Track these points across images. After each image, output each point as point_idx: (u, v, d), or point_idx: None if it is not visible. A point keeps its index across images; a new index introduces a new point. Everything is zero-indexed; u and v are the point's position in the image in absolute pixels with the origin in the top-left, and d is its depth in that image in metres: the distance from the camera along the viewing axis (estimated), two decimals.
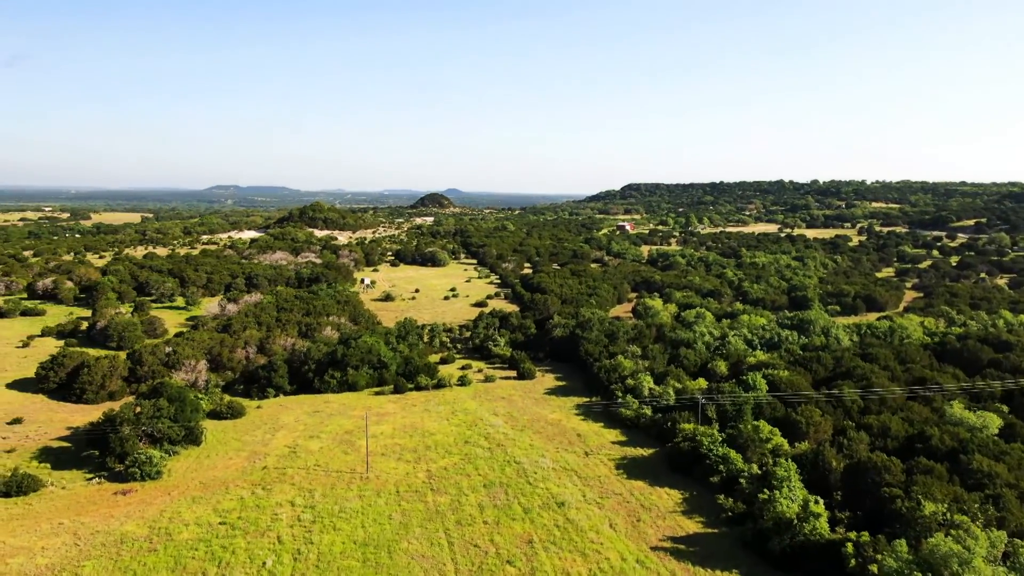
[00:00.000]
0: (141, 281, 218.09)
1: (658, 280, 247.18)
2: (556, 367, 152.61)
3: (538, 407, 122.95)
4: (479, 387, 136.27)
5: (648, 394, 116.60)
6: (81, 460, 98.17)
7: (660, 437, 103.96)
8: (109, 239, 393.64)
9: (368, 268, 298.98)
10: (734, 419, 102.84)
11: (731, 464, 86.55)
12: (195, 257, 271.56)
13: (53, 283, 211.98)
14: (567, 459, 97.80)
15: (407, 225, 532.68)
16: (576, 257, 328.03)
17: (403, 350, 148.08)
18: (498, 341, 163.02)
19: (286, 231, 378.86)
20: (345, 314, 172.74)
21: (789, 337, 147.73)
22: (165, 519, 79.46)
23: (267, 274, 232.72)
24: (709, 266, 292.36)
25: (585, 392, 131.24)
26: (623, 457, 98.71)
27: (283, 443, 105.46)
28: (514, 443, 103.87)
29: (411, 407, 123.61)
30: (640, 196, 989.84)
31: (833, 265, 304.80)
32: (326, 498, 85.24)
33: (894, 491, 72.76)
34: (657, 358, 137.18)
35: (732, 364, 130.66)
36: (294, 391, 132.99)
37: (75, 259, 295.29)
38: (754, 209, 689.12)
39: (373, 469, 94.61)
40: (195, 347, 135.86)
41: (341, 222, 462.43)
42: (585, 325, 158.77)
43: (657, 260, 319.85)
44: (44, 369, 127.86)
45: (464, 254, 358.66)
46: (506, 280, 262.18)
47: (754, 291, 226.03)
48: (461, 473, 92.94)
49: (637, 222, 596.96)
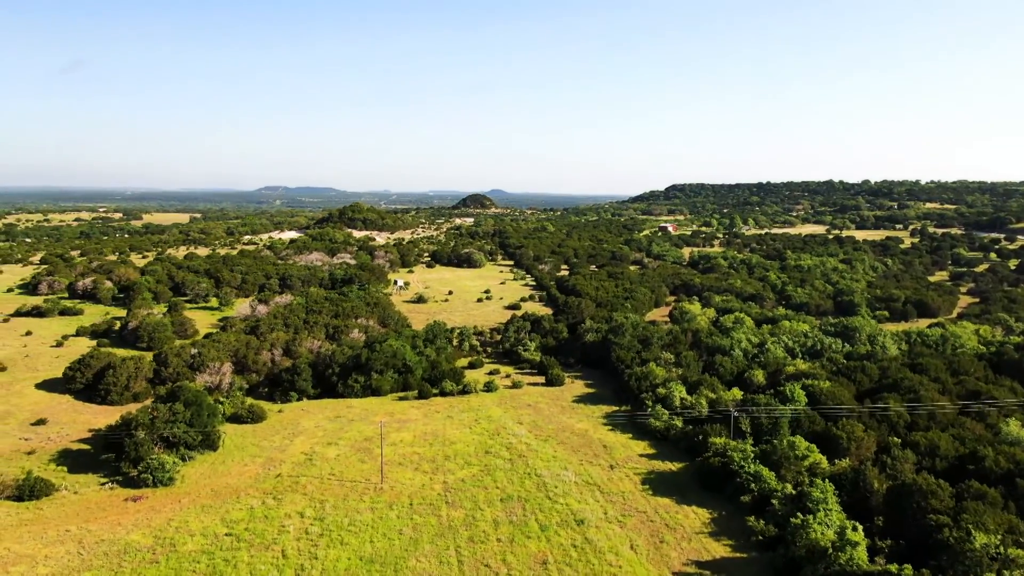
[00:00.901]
0: (177, 281, 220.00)
1: (697, 283, 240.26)
2: (587, 373, 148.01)
3: (565, 415, 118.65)
4: (505, 393, 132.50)
5: (679, 404, 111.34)
6: (98, 464, 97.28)
7: (691, 451, 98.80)
8: (154, 239, 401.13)
9: (403, 269, 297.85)
10: (769, 433, 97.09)
11: (763, 483, 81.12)
12: (232, 257, 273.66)
13: (93, 283, 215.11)
14: (591, 472, 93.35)
15: (446, 226, 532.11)
16: (615, 259, 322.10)
17: (430, 354, 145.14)
18: (528, 346, 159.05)
19: (324, 232, 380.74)
20: (374, 316, 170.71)
21: (832, 345, 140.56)
22: (172, 528, 77.50)
23: (301, 275, 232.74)
24: (752, 269, 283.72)
25: (615, 400, 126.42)
26: (650, 471, 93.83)
27: (300, 449, 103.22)
28: (536, 454, 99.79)
29: (434, 413, 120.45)
30: (684, 197, 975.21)
31: (883, 268, 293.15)
32: (337, 510, 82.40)
33: (941, 519, 66.70)
34: (691, 366, 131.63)
35: (770, 373, 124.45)
36: (318, 395, 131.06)
37: (118, 259, 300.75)
38: (802, 210, 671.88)
39: (389, 479, 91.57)
40: (220, 349, 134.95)
41: (380, 223, 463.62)
42: (617, 330, 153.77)
43: (698, 262, 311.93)
44: (71, 370, 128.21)
45: (501, 255, 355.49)
46: (541, 282, 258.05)
47: (798, 295, 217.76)
48: (479, 486, 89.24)
49: (680, 223, 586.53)
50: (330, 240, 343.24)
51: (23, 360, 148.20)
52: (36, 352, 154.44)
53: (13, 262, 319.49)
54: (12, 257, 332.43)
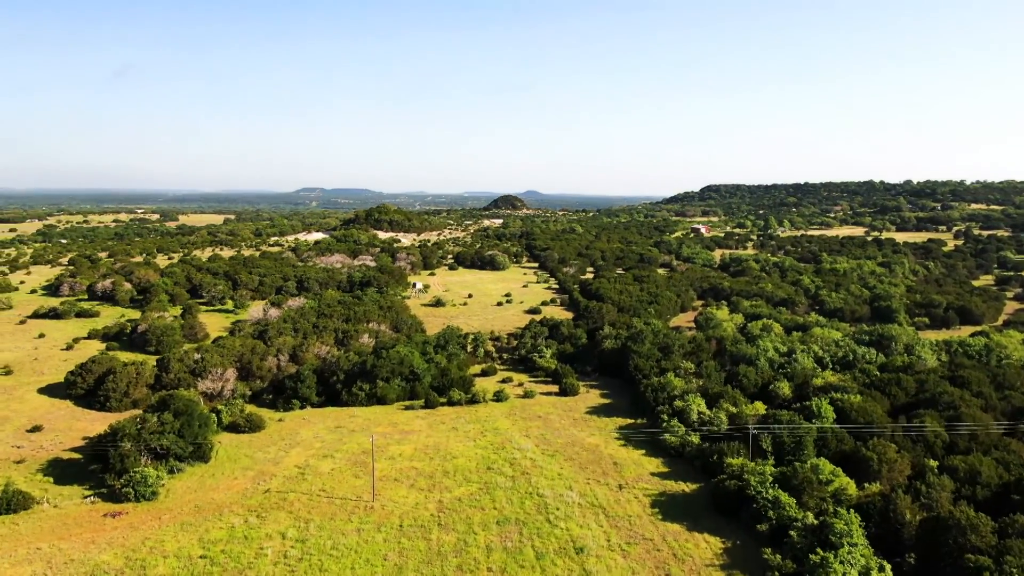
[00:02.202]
0: (195, 283, 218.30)
1: (727, 287, 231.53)
2: (604, 382, 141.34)
3: (575, 428, 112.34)
4: (516, 403, 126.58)
5: (696, 419, 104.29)
6: (86, 475, 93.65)
7: (706, 470, 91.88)
8: (182, 240, 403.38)
9: (425, 272, 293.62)
10: (793, 453, 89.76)
11: (782, 510, 73.99)
12: (251, 259, 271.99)
13: (112, 285, 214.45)
14: (597, 493, 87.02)
15: (474, 227, 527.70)
16: (643, 262, 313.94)
17: (440, 361, 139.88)
18: (544, 353, 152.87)
19: (349, 233, 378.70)
20: (387, 321, 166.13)
21: (866, 355, 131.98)
22: (145, 549, 73.17)
23: (319, 277, 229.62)
24: (784, 272, 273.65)
25: (631, 412, 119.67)
26: (661, 493, 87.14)
27: (294, 462, 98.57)
28: (541, 471, 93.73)
29: (439, 424, 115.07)
30: (720, 198, 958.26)
31: (924, 272, 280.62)
32: (321, 531, 77.35)
33: (982, 559, 59.23)
34: (712, 376, 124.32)
35: (797, 385, 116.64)
36: (322, 403, 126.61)
37: (143, 260, 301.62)
38: (840, 211, 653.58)
39: (381, 497, 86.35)
40: (224, 354, 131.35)
41: (406, 224, 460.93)
42: (637, 337, 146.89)
43: (729, 265, 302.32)
44: (73, 375, 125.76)
45: (527, 258, 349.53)
46: (564, 286, 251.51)
47: (832, 300, 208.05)
48: (475, 506, 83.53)
49: (713, 224, 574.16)
50: (354, 242, 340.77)
51: (31, 363, 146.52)
52: (45, 355, 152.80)
53: (43, 263, 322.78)
54: (43, 258, 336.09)
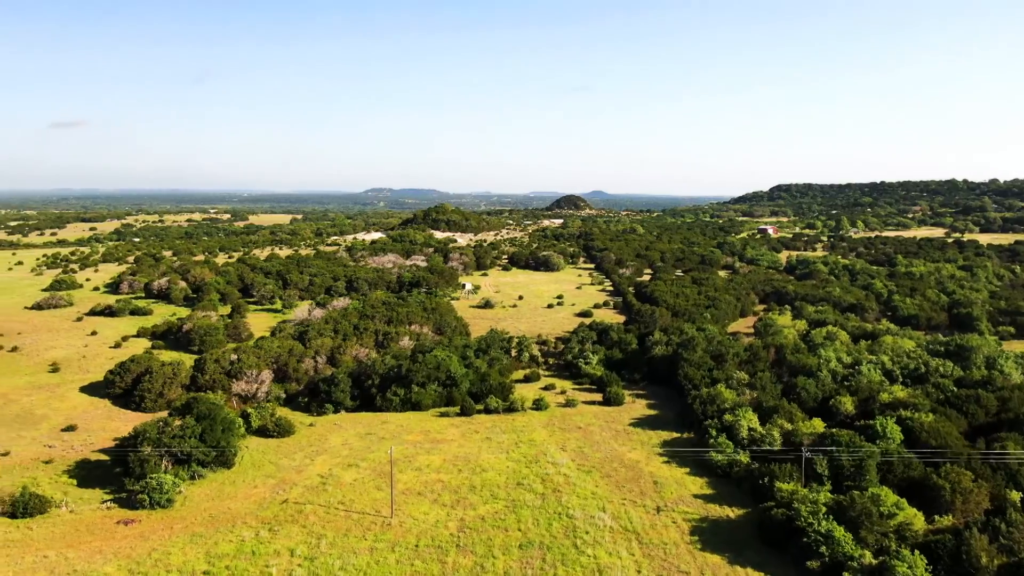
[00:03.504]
0: (247, 283, 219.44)
1: (791, 291, 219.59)
2: (653, 392, 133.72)
3: (616, 442, 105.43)
4: (556, 412, 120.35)
5: (747, 435, 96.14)
6: (110, 478, 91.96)
7: (754, 494, 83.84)
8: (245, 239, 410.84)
9: (478, 272, 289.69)
10: (852, 478, 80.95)
11: (836, 546, 65.78)
12: (304, 259, 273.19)
13: (167, 283, 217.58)
14: (632, 516, 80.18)
15: (533, 227, 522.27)
16: (704, 263, 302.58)
17: (480, 365, 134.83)
18: (590, 359, 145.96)
19: (405, 233, 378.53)
20: (430, 323, 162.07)
21: (940, 368, 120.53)
22: (150, 562, 70.17)
23: (369, 277, 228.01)
24: (855, 275, 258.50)
25: (677, 426, 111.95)
26: (703, 518, 79.67)
27: (318, 471, 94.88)
28: (573, 489, 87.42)
29: (472, 434, 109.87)
30: (790, 198, 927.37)
31: (1010, 276, 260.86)
32: (333, 548, 73.01)
33: None
34: (767, 388, 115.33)
35: (861, 401, 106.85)
36: (356, 407, 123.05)
37: (204, 258, 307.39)
38: (919, 211, 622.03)
39: (401, 512, 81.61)
40: (261, 356, 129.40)
41: (463, 224, 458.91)
42: (688, 344, 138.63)
43: (795, 267, 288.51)
44: (112, 374, 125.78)
45: (583, 258, 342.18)
46: (619, 288, 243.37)
47: (905, 306, 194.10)
48: (499, 526, 77.87)
49: (782, 225, 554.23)
50: (410, 242, 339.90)
51: (79, 361, 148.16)
52: (94, 353, 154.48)
53: (112, 261, 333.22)
54: (112, 256, 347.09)
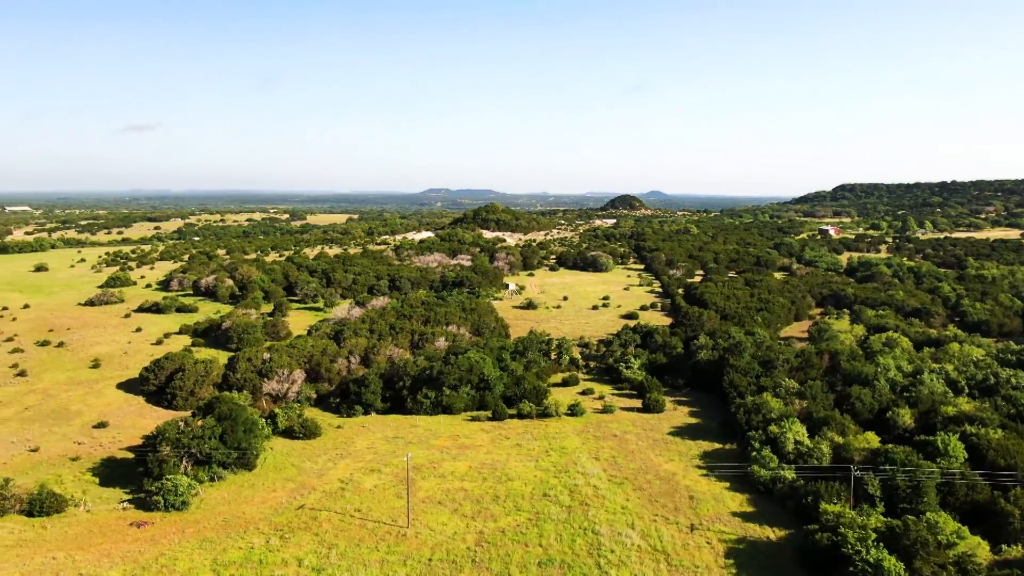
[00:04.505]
0: (292, 281, 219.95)
1: (850, 294, 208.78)
2: (696, 399, 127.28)
3: (653, 452, 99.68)
4: (592, 419, 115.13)
5: (793, 449, 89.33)
6: (132, 477, 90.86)
7: (799, 513, 77.33)
8: (297, 238, 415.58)
9: (524, 272, 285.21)
10: (908, 500, 73.72)
11: None
12: (350, 258, 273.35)
13: (214, 281, 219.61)
14: (663, 534, 74.61)
15: (584, 227, 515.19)
16: (759, 264, 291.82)
17: (516, 368, 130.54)
18: (631, 363, 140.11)
19: (454, 232, 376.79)
20: (468, 323, 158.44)
21: (1011, 379, 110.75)
22: (155, 568, 67.97)
23: (412, 276, 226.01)
24: (920, 278, 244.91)
25: (720, 436, 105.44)
26: (740, 539, 73.57)
27: (339, 475, 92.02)
28: (603, 503, 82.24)
29: (503, 440, 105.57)
30: (854, 198, 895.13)
31: None
32: (343, 559, 69.63)
33: None
34: (818, 397, 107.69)
35: (921, 413, 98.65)
36: (386, 410, 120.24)
37: (256, 256, 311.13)
38: (992, 212, 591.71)
39: (419, 522, 77.85)
40: (294, 355, 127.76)
41: (513, 224, 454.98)
42: (735, 348, 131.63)
43: (856, 269, 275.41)
44: (147, 371, 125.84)
45: (634, 259, 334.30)
46: (668, 289, 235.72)
47: (975, 311, 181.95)
48: (519, 540, 73.33)
49: (844, 226, 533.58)
50: (458, 241, 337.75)
51: (120, 358, 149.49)
52: (136, 349, 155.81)
53: (168, 259, 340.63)
54: (169, 255, 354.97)
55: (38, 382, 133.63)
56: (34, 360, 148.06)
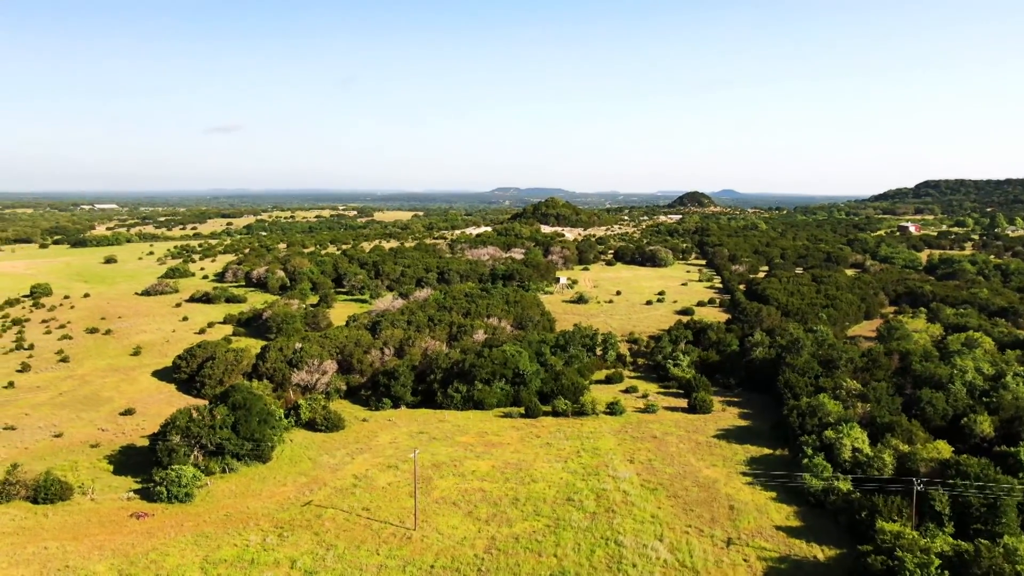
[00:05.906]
0: (340, 273, 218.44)
1: (927, 292, 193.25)
2: (748, 399, 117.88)
3: (694, 456, 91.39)
4: (631, 418, 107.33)
5: (850, 457, 79.81)
6: (145, 466, 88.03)
7: (852, 530, 68.21)
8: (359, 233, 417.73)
9: (579, 267, 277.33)
10: (982, 520, 63.79)
11: None
12: (401, 251, 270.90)
13: (265, 272, 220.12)
14: (694, 548, 66.71)
15: (647, 223, 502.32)
16: (829, 261, 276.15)
17: (555, 363, 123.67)
18: (680, 360, 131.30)
19: (511, 227, 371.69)
20: (510, 316, 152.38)
21: None
22: (144, 563, 64.30)
23: (461, 269, 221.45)
24: (1008, 276, 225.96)
25: (770, 441, 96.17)
26: (783, 557, 65.00)
27: (354, 471, 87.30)
28: (630, 510, 74.74)
29: (532, 438, 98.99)
30: (938, 195, 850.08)
31: None
32: (339, 562, 64.48)
33: None
34: (882, 401, 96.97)
35: (1003, 422, 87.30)
36: (417, 403, 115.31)
37: (314, 249, 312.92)
38: None
39: (428, 524, 72.12)
40: (325, 345, 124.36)
41: (573, 219, 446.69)
42: (792, 346, 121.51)
43: (936, 267, 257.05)
44: (180, 359, 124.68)
45: (696, 255, 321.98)
46: (728, 285, 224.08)
47: None
48: (532, 549, 66.71)
49: (926, 223, 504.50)
50: (514, 235, 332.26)
51: (161, 346, 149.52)
52: (178, 338, 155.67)
53: (231, 252, 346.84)
54: (232, 248, 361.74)
55: (78, 368, 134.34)
56: (80, 347, 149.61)
